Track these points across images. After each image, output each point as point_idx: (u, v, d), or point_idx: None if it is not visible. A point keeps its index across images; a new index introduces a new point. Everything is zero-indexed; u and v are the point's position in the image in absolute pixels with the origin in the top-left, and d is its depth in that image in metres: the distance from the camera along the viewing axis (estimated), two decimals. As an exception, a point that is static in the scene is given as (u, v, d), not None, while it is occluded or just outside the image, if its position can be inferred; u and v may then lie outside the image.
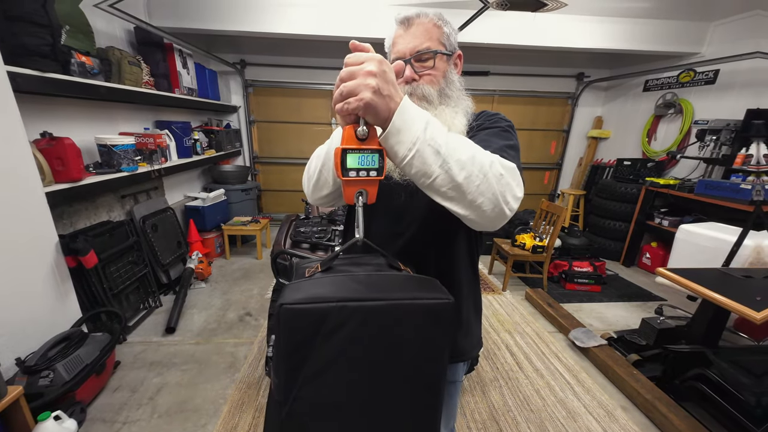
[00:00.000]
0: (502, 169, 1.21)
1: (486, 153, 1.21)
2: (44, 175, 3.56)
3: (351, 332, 1.01)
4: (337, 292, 1.02)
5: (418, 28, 1.54)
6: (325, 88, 9.28)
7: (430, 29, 1.55)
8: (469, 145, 1.19)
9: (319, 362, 1.03)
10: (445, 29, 1.59)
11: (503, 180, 1.19)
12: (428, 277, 1.19)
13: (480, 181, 1.15)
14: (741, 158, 5.96)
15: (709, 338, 3.72)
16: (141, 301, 5.17)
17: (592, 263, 6.43)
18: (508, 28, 6.85)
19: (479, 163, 1.16)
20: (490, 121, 1.62)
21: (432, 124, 1.14)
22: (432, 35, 1.54)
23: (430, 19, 1.55)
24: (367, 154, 1.13)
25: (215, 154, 7.62)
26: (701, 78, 7.16)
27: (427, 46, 1.53)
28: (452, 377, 1.88)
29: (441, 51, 1.56)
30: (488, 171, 1.16)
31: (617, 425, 3.52)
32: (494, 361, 4.44)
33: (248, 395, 3.74)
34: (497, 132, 1.54)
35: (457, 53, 1.68)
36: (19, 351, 3.21)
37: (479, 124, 1.62)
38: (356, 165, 1.12)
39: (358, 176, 1.13)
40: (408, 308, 1.03)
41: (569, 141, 10.27)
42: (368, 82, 1.05)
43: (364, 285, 1.08)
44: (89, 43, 4.27)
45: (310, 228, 3.80)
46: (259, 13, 6.48)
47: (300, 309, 0.98)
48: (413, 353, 1.07)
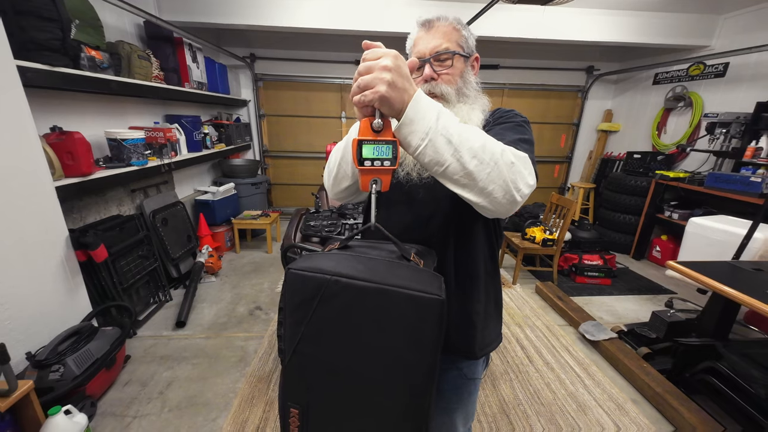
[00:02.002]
0: (513, 157, 1.25)
1: (497, 142, 1.25)
2: (54, 170, 3.57)
3: (342, 304, 1.12)
4: (336, 268, 1.13)
5: (438, 30, 1.63)
6: (334, 81, 9.27)
7: (449, 32, 1.63)
8: (481, 135, 1.23)
9: (316, 324, 1.16)
10: (464, 33, 1.68)
11: (514, 168, 1.24)
12: (433, 273, 1.21)
13: (491, 168, 1.20)
14: (751, 151, 5.93)
15: (720, 331, 3.71)
16: (151, 295, 5.20)
17: (602, 256, 6.41)
18: (517, 22, 6.85)
19: (490, 151, 1.20)
20: (506, 117, 1.66)
21: (444, 114, 1.19)
22: (451, 37, 1.62)
23: (449, 23, 1.65)
24: (382, 145, 1.19)
25: (225, 148, 7.64)
26: (711, 71, 7.11)
27: (446, 47, 1.60)
28: (471, 374, 1.86)
29: (459, 52, 1.62)
30: (499, 159, 1.21)
31: (627, 418, 3.51)
32: (504, 354, 4.43)
33: (258, 389, 3.75)
34: (512, 126, 1.57)
35: (475, 56, 1.74)
36: (30, 345, 3.22)
37: (495, 119, 1.68)
38: (371, 155, 1.19)
39: (372, 165, 1.20)
40: (394, 295, 1.08)
41: (579, 134, 10.24)
42: (383, 76, 1.10)
43: (363, 266, 1.15)
44: (99, 38, 4.28)
45: (320, 222, 3.80)
46: (269, 7, 6.48)
47: (301, 275, 1.13)
48: (396, 339, 1.12)
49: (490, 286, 1.80)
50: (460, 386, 1.87)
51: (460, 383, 1.86)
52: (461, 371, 1.84)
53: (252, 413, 3.44)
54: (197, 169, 7.51)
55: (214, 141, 7.32)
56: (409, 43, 1.73)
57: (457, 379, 1.85)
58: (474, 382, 1.89)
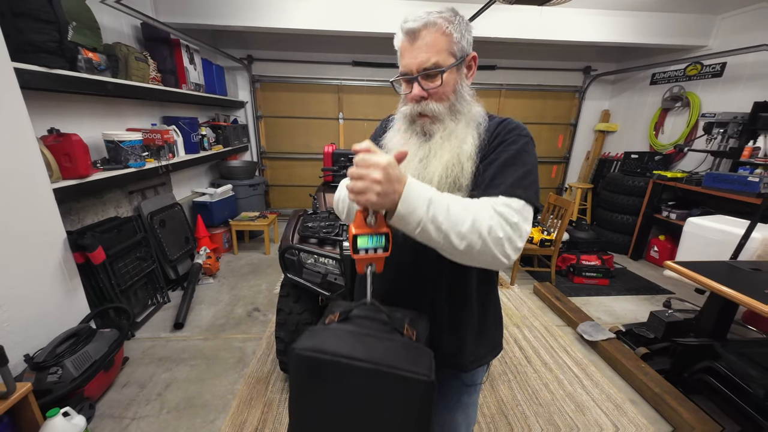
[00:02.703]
0: (502, 231, 1.33)
1: (486, 218, 1.32)
2: (52, 172, 3.57)
3: (340, 382, 1.22)
4: (337, 348, 1.22)
5: (425, 40, 1.46)
6: (331, 83, 9.26)
7: (437, 40, 1.46)
8: (470, 216, 1.30)
9: (317, 400, 1.28)
10: (455, 35, 1.48)
11: (501, 242, 1.33)
12: (424, 350, 1.30)
13: (480, 246, 1.31)
14: (748, 151, 5.95)
15: (718, 331, 3.72)
16: (149, 297, 5.19)
17: (600, 257, 6.42)
18: (515, 22, 6.86)
19: (478, 231, 1.30)
20: (508, 141, 1.53)
21: (434, 203, 1.29)
22: (440, 47, 1.47)
23: (438, 27, 1.46)
24: (376, 236, 1.33)
25: (222, 150, 7.64)
26: (708, 71, 7.13)
27: (435, 62, 1.47)
28: (470, 381, 1.86)
29: (450, 65, 1.49)
30: (487, 237, 1.30)
31: (626, 418, 3.52)
32: (503, 355, 4.43)
33: (257, 390, 3.75)
34: (514, 156, 1.49)
35: (471, 56, 1.59)
36: (28, 347, 3.23)
37: (495, 138, 1.56)
38: (366, 245, 1.33)
39: (367, 254, 1.34)
40: (388, 375, 1.17)
41: (576, 134, 10.24)
42: (374, 188, 1.22)
43: (361, 345, 1.25)
44: (96, 39, 4.28)
45: (318, 223, 3.79)
46: (266, 8, 6.49)
47: (305, 356, 1.22)
48: (388, 414, 1.23)
49: (484, 297, 1.77)
50: (460, 392, 1.87)
51: (459, 389, 1.87)
52: (459, 378, 1.84)
53: (250, 414, 3.44)
54: (195, 171, 7.50)
55: (211, 142, 7.33)
56: (396, 44, 1.58)
57: (455, 385, 1.86)
58: (473, 388, 1.89)
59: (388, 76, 8.84)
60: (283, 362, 3.71)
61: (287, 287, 3.63)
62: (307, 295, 3.58)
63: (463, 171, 1.49)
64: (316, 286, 3.31)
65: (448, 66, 1.48)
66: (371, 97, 9.39)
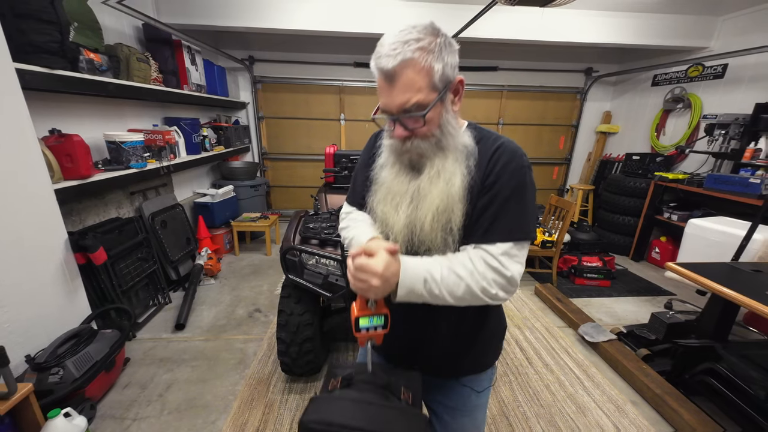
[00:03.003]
0: (495, 286, 1.43)
1: (479, 279, 1.42)
2: (53, 172, 3.58)
3: None
4: (342, 419, 1.31)
5: (402, 81, 1.33)
6: (333, 84, 9.27)
7: (417, 79, 1.33)
8: (463, 283, 1.41)
9: None
10: (436, 66, 1.34)
11: (494, 295, 1.44)
12: (419, 415, 1.46)
13: (473, 300, 1.45)
14: (750, 152, 5.94)
15: (719, 333, 3.71)
16: (150, 297, 5.19)
17: (602, 258, 6.42)
18: (516, 24, 6.86)
19: (471, 292, 1.42)
20: (503, 178, 1.46)
21: (428, 281, 1.41)
22: (420, 84, 1.34)
23: (415, 63, 1.31)
24: (376, 317, 1.46)
25: (224, 151, 7.65)
26: (710, 72, 7.13)
27: (417, 102, 1.36)
28: (474, 386, 1.85)
29: (434, 102, 1.38)
30: (480, 295, 1.43)
31: (627, 420, 3.51)
32: (504, 356, 4.43)
33: (258, 391, 3.75)
34: (511, 195, 1.46)
35: (456, 81, 1.45)
36: (29, 348, 3.23)
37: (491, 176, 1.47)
38: (367, 324, 1.46)
39: (368, 332, 1.47)
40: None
41: (578, 136, 10.25)
42: (375, 292, 1.37)
43: (362, 414, 1.35)
44: (98, 40, 4.28)
45: (320, 224, 3.79)
46: (268, 9, 6.50)
47: (312, 428, 1.29)
48: None
49: (483, 312, 1.74)
50: (465, 397, 1.86)
51: (463, 394, 1.86)
52: (461, 383, 1.84)
53: (251, 415, 3.45)
54: (196, 172, 7.52)
55: (213, 143, 7.35)
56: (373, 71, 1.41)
57: (460, 390, 1.85)
58: (479, 394, 1.88)
59: (390, 77, 8.86)
60: (284, 363, 3.69)
61: (288, 288, 3.63)
62: (308, 296, 3.57)
63: (454, 214, 1.48)
64: (317, 287, 3.30)
65: (431, 104, 1.38)
66: (373, 98, 9.32)
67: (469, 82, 9.31)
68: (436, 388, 1.87)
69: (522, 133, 10.10)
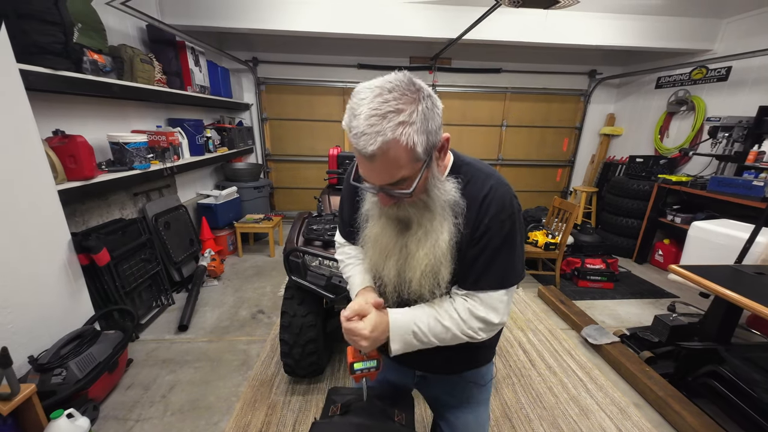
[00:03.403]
0: (481, 332, 1.54)
1: (465, 328, 1.52)
2: (57, 173, 3.58)
3: None
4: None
5: (384, 160, 1.23)
6: (336, 85, 9.30)
7: (398, 157, 1.23)
8: (450, 333, 1.52)
9: None
10: (419, 138, 1.21)
11: (477, 339, 1.56)
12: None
13: (457, 341, 1.57)
14: (753, 155, 5.94)
15: (722, 335, 3.71)
16: (153, 298, 5.19)
17: (605, 260, 6.41)
18: (520, 26, 6.87)
19: (458, 339, 1.55)
20: (493, 228, 1.44)
21: (417, 334, 1.53)
22: (402, 162, 1.25)
23: (396, 142, 1.18)
24: (369, 361, 1.61)
25: (227, 152, 7.67)
26: (713, 75, 7.12)
27: (400, 177, 1.29)
28: (474, 379, 1.88)
29: (419, 174, 1.31)
30: (465, 339, 1.55)
31: (630, 422, 3.51)
32: (507, 358, 4.43)
33: (261, 393, 3.75)
34: (501, 245, 1.46)
35: (441, 143, 1.37)
36: (32, 349, 3.23)
37: (480, 227, 1.45)
38: (361, 367, 1.60)
39: (362, 372, 1.61)
40: None
41: (581, 138, 10.26)
42: (365, 349, 1.52)
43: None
44: (101, 41, 4.29)
45: (323, 225, 3.79)
46: (271, 10, 6.51)
47: None
48: None
49: None
50: (467, 392, 1.89)
51: (466, 389, 1.89)
52: (464, 378, 1.86)
53: (254, 417, 3.45)
54: (200, 173, 7.53)
55: (216, 145, 7.36)
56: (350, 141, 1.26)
57: (463, 385, 1.88)
58: (481, 388, 1.91)
59: (393, 78, 8.85)
60: (287, 365, 3.69)
61: (292, 290, 3.62)
62: (311, 297, 3.57)
63: (441, 273, 1.48)
64: (320, 288, 3.30)
65: (417, 178, 1.31)
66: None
67: (473, 84, 9.39)
68: (440, 384, 1.90)
69: (525, 135, 10.13)
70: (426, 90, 1.25)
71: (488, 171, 1.53)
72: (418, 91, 1.22)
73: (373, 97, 1.17)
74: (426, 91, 1.25)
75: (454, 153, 1.60)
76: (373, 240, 1.62)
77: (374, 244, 1.62)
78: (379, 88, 1.19)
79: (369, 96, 1.18)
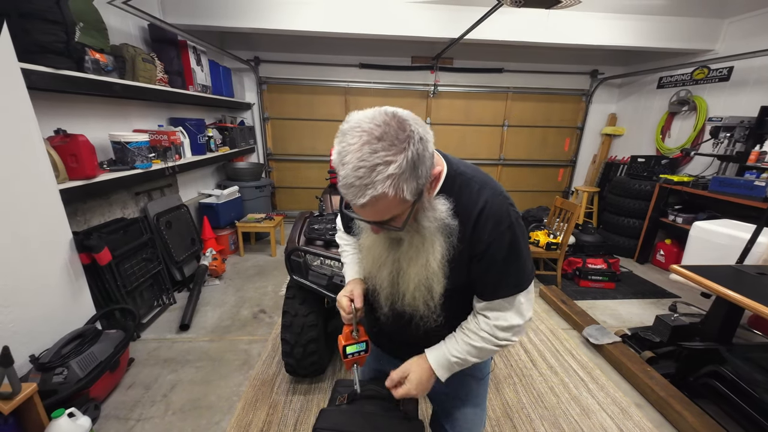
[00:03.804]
0: (508, 341, 1.60)
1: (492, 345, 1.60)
2: (58, 172, 3.58)
3: None
4: (351, 427, 1.65)
5: (372, 209, 1.24)
6: (339, 85, 9.30)
7: (386, 206, 1.23)
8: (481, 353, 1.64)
9: None
10: (408, 187, 1.19)
11: (513, 342, 1.63)
12: (417, 422, 1.75)
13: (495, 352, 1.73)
14: (755, 155, 5.94)
15: (723, 335, 3.71)
16: (155, 298, 5.20)
17: (606, 260, 6.42)
18: (522, 25, 6.88)
19: (490, 354, 1.70)
20: (495, 241, 1.42)
21: (459, 361, 1.64)
22: (390, 208, 1.26)
23: (386, 196, 1.16)
24: (358, 344, 1.77)
25: (229, 152, 7.68)
26: (715, 75, 7.12)
27: (390, 216, 1.30)
28: (470, 372, 1.88)
29: (410, 212, 1.33)
30: (495, 350, 1.66)
31: (631, 422, 3.51)
32: (508, 358, 4.43)
33: (262, 392, 3.76)
34: (507, 256, 1.45)
35: (432, 177, 1.33)
36: (33, 348, 3.23)
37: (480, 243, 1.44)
38: (353, 351, 1.76)
39: (353, 357, 1.77)
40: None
41: (583, 138, 10.26)
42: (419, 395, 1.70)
43: (368, 423, 1.67)
44: (103, 41, 4.29)
45: (324, 225, 3.78)
46: (273, 10, 6.52)
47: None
48: None
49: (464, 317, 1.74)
50: (466, 385, 1.95)
51: (464, 382, 1.95)
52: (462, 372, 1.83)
53: (255, 416, 3.45)
54: (201, 173, 7.54)
55: (218, 144, 7.38)
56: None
57: (461, 379, 1.90)
58: (479, 381, 1.98)
59: (396, 78, 8.91)
60: (288, 364, 3.69)
61: (293, 289, 3.62)
62: (313, 297, 3.57)
63: (434, 288, 1.50)
64: (322, 288, 3.30)
65: (408, 214, 1.33)
66: (378, 99, 9.35)
67: (475, 84, 9.40)
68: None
69: (527, 134, 10.14)
70: (417, 133, 1.19)
71: (482, 180, 1.49)
72: (408, 138, 1.16)
73: (361, 145, 1.13)
74: (417, 135, 1.18)
75: (448, 161, 1.53)
76: (367, 249, 1.68)
77: (368, 253, 1.69)
78: (368, 134, 1.14)
79: (357, 143, 1.14)
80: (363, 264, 1.81)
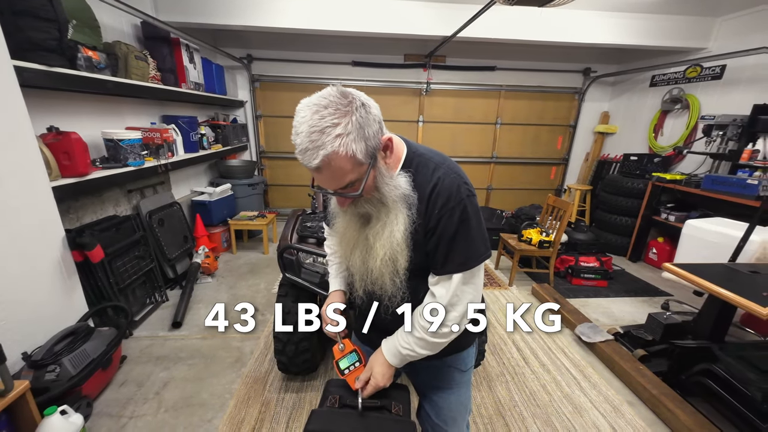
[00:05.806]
0: (461, 324, 1.66)
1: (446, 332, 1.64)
2: (51, 170, 3.57)
3: None
4: (343, 428, 1.65)
5: (329, 171, 1.37)
6: (331, 82, 9.06)
7: (341, 166, 1.35)
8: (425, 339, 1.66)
9: None
10: (358, 146, 1.34)
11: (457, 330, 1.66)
12: (408, 422, 1.74)
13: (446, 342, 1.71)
14: (748, 153, 5.95)
15: (716, 333, 3.72)
16: (147, 295, 5.19)
17: (599, 258, 6.43)
18: (514, 23, 6.89)
19: (439, 341, 1.67)
20: (445, 216, 1.51)
21: (409, 353, 1.72)
22: (346, 169, 1.37)
23: (336, 154, 1.30)
24: (349, 355, 1.86)
25: (222, 149, 7.66)
26: (708, 73, 7.15)
27: (348, 181, 1.42)
28: (455, 365, 1.96)
29: (365, 175, 1.43)
30: (446, 339, 1.68)
31: (623, 420, 3.52)
32: (500, 356, 4.44)
33: (254, 390, 3.76)
34: (456, 232, 1.53)
35: (383, 143, 1.48)
36: (26, 345, 3.22)
37: (433, 217, 1.53)
38: (347, 364, 1.84)
39: (350, 371, 1.83)
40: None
41: (576, 136, 10.27)
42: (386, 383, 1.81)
43: (360, 424, 1.68)
44: (96, 38, 4.28)
45: (317, 223, 3.79)
46: (266, 7, 6.52)
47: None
48: None
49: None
50: (449, 376, 1.98)
51: (449, 373, 1.98)
52: (446, 364, 1.95)
53: (248, 414, 3.45)
54: (194, 170, 7.51)
55: (210, 142, 7.36)
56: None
57: (446, 371, 1.97)
58: (462, 372, 2.00)
59: (388, 76, 8.89)
60: (280, 362, 3.69)
61: (286, 287, 3.63)
62: (305, 294, 3.56)
63: (398, 260, 1.59)
64: (314, 285, 3.31)
65: (364, 179, 1.44)
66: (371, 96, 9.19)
67: (468, 82, 9.38)
68: (425, 370, 2.01)
69: (520, 132, 10.15)
70: (358, 100, 1.38)
71: (438, 160, 1.60)
72: (350, 103, 1.35)
73: (311, 114, 1.33)
74: (358, 101, 1.37)
75: (409, 145, 1.66)
76: (341, 234, 1.77)
77: (342, 238, 1.78)
78: (316, 105, 1.35)
79: (308, 114, 1.34)
80: (340, 251, 1.90)
